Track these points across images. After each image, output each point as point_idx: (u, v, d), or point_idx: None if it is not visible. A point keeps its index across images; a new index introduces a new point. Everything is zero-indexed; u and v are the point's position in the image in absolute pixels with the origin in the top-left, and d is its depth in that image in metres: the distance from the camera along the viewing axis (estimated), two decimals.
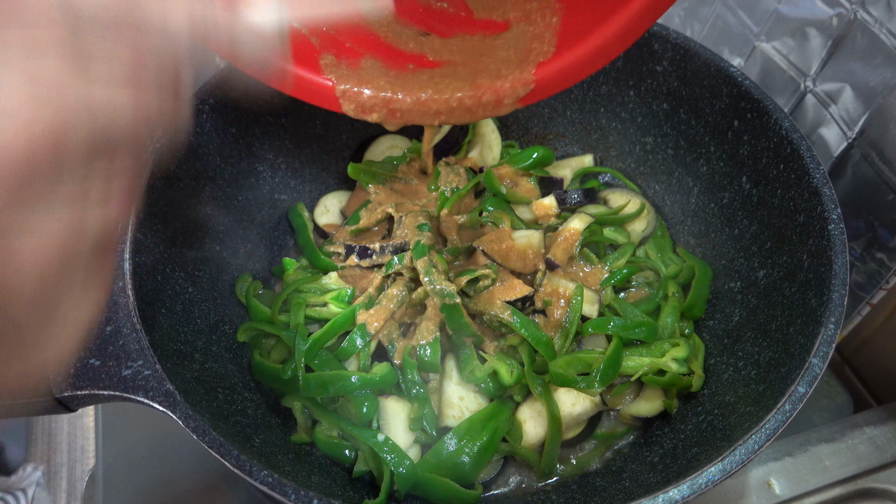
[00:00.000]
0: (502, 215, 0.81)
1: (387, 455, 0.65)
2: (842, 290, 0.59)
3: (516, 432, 0.70)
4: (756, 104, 0.72)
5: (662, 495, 0.50)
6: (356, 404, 0.69)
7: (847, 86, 0.76)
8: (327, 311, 0.76)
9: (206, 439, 0.52)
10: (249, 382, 0.72)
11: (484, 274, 0.73)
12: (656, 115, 0.86)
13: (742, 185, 0.76)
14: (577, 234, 0.79)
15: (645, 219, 0.87)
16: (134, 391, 0.55)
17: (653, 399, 0.73)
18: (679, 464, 0.63)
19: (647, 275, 0.83)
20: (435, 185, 0.85)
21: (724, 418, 0.64)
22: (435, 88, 0.58)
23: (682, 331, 0.77)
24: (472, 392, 0.71)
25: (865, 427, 0.77)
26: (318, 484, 0.64)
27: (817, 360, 0.56)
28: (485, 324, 0.74)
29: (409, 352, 0.71)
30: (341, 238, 0.84)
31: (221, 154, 0.78)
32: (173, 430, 0.55)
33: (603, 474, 0.70)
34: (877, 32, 0.70)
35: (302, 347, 0.70)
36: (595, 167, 0.92)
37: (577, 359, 0.70)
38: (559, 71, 0.56)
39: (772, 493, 0.73)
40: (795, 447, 0.75)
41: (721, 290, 0.79)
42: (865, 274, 0.78)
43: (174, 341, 0.63)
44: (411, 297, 0.74)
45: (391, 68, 0.60)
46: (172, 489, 0.76)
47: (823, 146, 0.81)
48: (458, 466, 0.66)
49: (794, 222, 0.68)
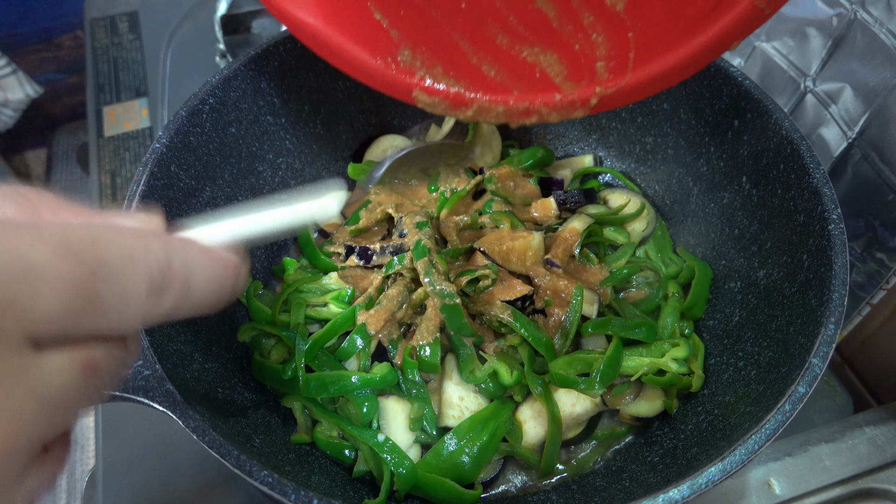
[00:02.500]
0: (502, 216, 0.81)
1: (387, 455, 0.65)
2: (842, 290, 0.59)
3: (516, 432, 0.70)
4: (756, 104, 0.72)
5: (662, 495, 0.50)
6: (356, 404, 0.69)
7: (847, 86, 0.76)
8: (327, 312, 0.76)
9: (206, 439, 0.52)
10: (249, 382, 0.72)
11: (484, 274, 0.73)
12: (656, 115, 0.86)
13: (742, 185, 0.76)
14: (577, 234, 0.79)
15: (645, 219, 0.87)
16: (134, 391, 0.55)
17: (653, 399, 0.73)
18: (679, 464, 0.63)
19: (647, 275, 0.83)
20: (435, 185, 0.85)
21: (724, 418, 0.64)
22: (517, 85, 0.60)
23: (682, 331, 0.77)
24: (472, 392, 0.71)
25: (865, 427, 0.77)
26: (318, 484, 0.64)
27: (817, 360, 0.56)
28: (485, 324, 0.74)
29: (409, 352, 0.71)
30: (341, 238, 0.84)
31: (221, 154, 0.77)
32: (173, 430, 0.55)
33: (603, 474, 0.70)
34: (877, 32, 0.70)
35: (302, 347, 0.70)
36: (595, 167, 0.92)
37: (577, 359, 0.70)
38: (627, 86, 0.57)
39: (772, 493, 0.73)
40: (795, 447, 0.75)
41: (721, 290, 0.79)
42: (865, 274, 0.78)
43: (174, 341, 0.63)
44: (411, 298, 0.74)
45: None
46: (172, 489, 0.76)
47: (823, 146, 0.81)
48: (458, 466, 0.66)
49: (794, 222, 0.68)
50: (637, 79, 0.55)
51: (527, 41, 0.58)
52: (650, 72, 0.54)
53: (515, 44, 0.59)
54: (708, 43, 0.51)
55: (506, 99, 0.60)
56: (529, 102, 0.59)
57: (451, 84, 0.61)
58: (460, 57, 0.60)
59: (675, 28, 0.52)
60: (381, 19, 0.61)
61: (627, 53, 0.55)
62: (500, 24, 0.58)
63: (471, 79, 0.61)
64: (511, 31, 0.58)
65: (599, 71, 0.57)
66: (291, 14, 0.64)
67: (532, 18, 0.57)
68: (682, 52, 0.52)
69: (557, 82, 0.58)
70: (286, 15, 0.65)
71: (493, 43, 0.59)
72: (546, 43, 0.58)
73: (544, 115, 0.60)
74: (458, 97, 0.61)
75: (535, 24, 0.57)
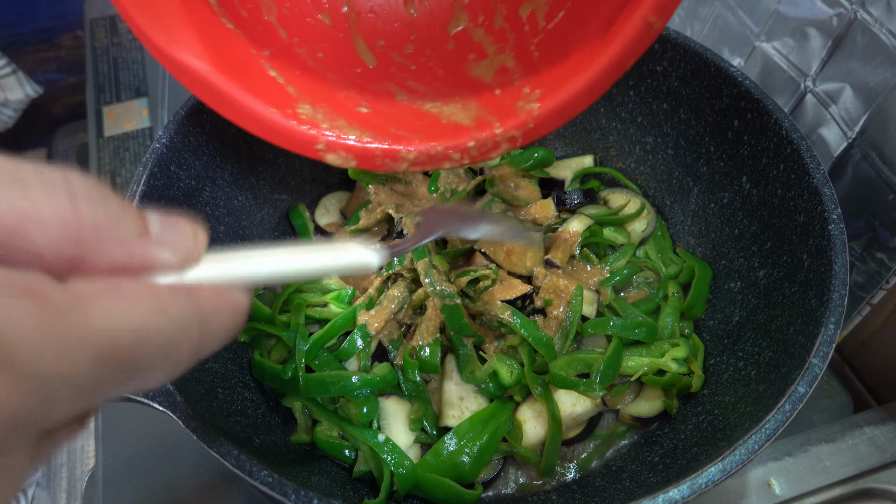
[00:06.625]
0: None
1: (387, 455, 0.65)
2: (842, 290, 0.59)
3: (516, 432, 0.70)
4: (756, 104, 0.72)
5: (662, 495, 0.50)
6: (356, 405, 0.69)
7: (847, 86, 0.76)
8: (328, 312, 0.76)
9: (206, 439, 0.52)
10: (249, 382, 0.72)
11: (484, 275, 0.73)
12: (656, 115, 0.86)
13: (742, 185, 0.76)
14: (577, 235, 0.80)
15: (645, 219, 0.87)
16: None
17: (653, 399, 0.73)
18: (679, 464, 0.63)
19: (647, 275, 0.83)
20: (435, 186, 0.85)
21: (724, 418, 0.64)
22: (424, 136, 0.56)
23: (682, 331, 0.77)
24: (473, 392, 0.71)
25: (865, 427, 0.77)
26: (318, 484, 0.64)
27: (817, 360, 0.56)
28: (485, 324, 0.74)
29: (409, 352, 0.71)
30: (341, 238, 0.84)
31: (221, 154, 0.77)
32: (173, 430, 0.55)
33: (603, 474, 0.70)
34: (877, 32, 0.70)
35: (302, 348, 0.70)
36: (595, 167, 0.92)
37: (577, 359, 0.70)
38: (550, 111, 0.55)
39: (772, 493, 0.73)
40: (795, 447, 0.75)
41: (721, 290, 0.79)
42: (865, 274, 0.78)
43: None
44: (412, 298, 0.74)
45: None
46: (172, 489, 0.76)
47: (823, 146, 0.81)
48: (458, 466, 0.66)
49: (794, 222, 0.68)
50: (548, 108, 0.54)
51: (427, 97, 0.57)
52: (558, 100, 0.53)
53: (416, 100, 0.57)
54: (609, 63, 0.49)
55: (413, 145, 0.56)
56: (443, 147, 0.56)
57: (359, 135, 0.56)
58: (362, 116, 0.58)
59: (578, 51, 0.51)
60: (277, 76, 0.57)
61: (534, 91, 0.54)
62: (399, 86, 0.57)
63: (376, 131, 0.57)
64: (411, 90, 0.57)
65: (516, 108, 0.55)
66: (173, 56, 0.55)
67: (430, 78, 0.56)
68: (586, 75, 0.51)
69: (465, 125, 0.56)
70: (168, 56, 0.55)
71: (392, 100, 0.57)
72: (448, 96, 0.57)
73: (456, 160, 0.56)
74: (367, 151, 0.56)
75: (433, 83, 0.56)
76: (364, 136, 0.56)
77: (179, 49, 0.55)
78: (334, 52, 0.58)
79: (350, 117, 0.57)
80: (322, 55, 0.57)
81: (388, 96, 0.58)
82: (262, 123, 0.56)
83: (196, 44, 0.55)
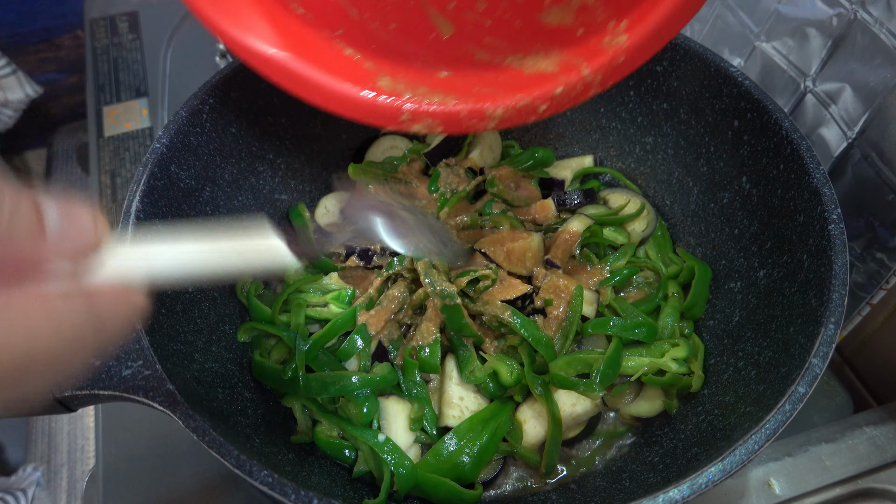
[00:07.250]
0: (502, 217, 0.81)
1: (387, 455, 0.65)
2: (842, 290, 0.59)
3: (516, 432, 0.70)
4: (756, 104, 0.72)
5: (662, 495, 0.50)
6: (357, 405, 0.69)
7: (847, 86, 0.76)
8: (328, 312, 0.76)
9: (206, 439, 0.52)
10: (249, 382, 0.72)
11: (484, 275, 0.73)
12: (656, 115, 0.86)
13: (742, 185, 0.76)
14: (577, 235, 0.80)
15: (645, 219, 0.87)
16: (134, 391, 0.55)
17: (653, 399, 0.73)
18: (679, 464, 0.63)
19: (647, 275, 0.83)
20: (435, 186, 0.85)
21: (724, 418, 0.64)
22: None
23: (682, 331, 0.77)
24: (473, 392, 0.71)
25: (865, 427, 0.77)
26: (318, 484, 0.64)
27: (817, 360, 0.56)
28: (485, 324, 0.74)
29: (409, 352, 0.71)
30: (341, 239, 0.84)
31: (221, 154, 0.77)
32: (173, 430, 0.55)
33: (603, 474, 0.70)
34: (877, 32, 0.70)
35: (302, 348, 0.70)
36: (595, 167, 0.92)
37: (577, 359, 0.70)
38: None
39: (772, 493, 0.73)
40: (795, 447, 0.75)
41: (721, 290, 0.79)
42: (865, 274, 0.78)
43: (174, 341, 0.63)
44: (412, 299, 0.74)
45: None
46: (172, 489, 0.76)
47: (823, 146, 0.81)
48: (458, 466, 0.66)
49: (794, 222, 0.68)
50: (636, 37, 0.54)
51: (507, 51, 0.57)
52: (647, 28, 0.53)
53: (496, 56, 0.57)
54: None
55: (498, 101, 0.57)
56: (530, 99, 0.57)
57: (442, 99, 0.57)
58: (443, 80, 0.58)
59: None
60: (353, 54, 0.58)
61: (615, 21, 0.54)
62: (477, 44, 0.57)
63: (459, 93, 0.58)
64: (489, 47, 0.57)
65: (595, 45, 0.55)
66: (253, 48, 0.56)
67: (508, 31, 0.56)
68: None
69: (551, 71, 0.57)
70: (248, 49, 0.57)
71: (471, 60, 0.57)
72: (528, 47, 0.57)
73: (543, 112, 0.57)
74: (452, 114, 0.57)
75: (511, 35, 0.56)
76: (448, 99, 0.57)
77: (256, 40, 0.56)
78: (406, 22, 0.58)
79: (431, 83, 0.58)
80: (395, 26, 0.58)
81: (466, 57, 0.58)
82: (346, 101, 0.58)
83: (271, 33, 0.57)
